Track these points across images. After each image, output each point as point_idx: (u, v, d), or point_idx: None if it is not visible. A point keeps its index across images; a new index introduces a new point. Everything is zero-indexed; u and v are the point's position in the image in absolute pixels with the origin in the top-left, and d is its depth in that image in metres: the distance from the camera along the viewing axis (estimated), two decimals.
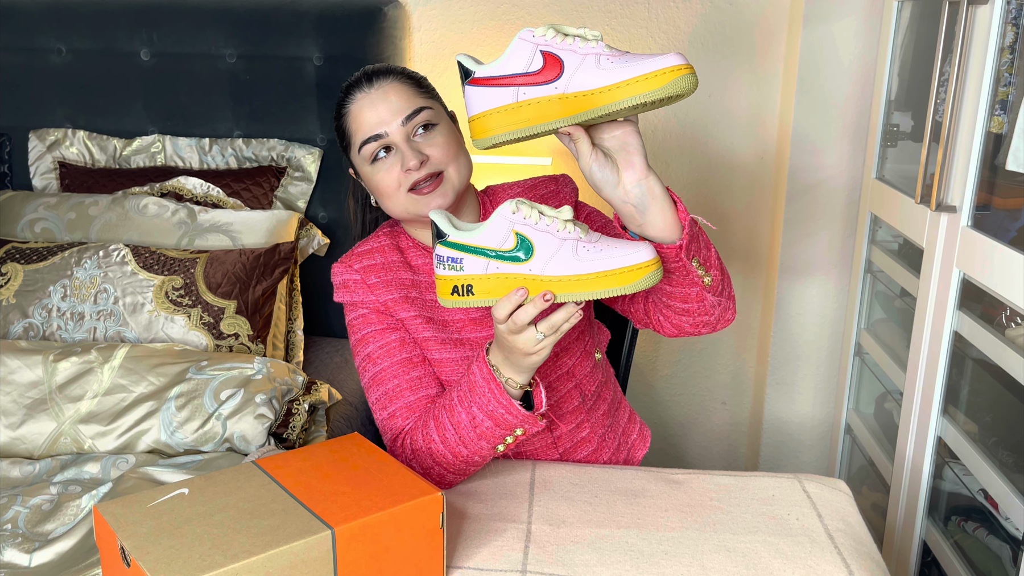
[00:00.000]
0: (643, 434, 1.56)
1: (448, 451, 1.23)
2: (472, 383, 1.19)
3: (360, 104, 1.30)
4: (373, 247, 1.37)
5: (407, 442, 1.28)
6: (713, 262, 1.22)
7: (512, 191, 1.43)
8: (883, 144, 2.09)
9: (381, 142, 1.29)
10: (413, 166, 1.26)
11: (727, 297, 1.29)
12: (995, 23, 1.50)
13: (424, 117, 1.30)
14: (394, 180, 1.28)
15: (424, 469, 1.27)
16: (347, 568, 0.98)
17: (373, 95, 1.29)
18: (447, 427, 1.22)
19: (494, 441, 1.21)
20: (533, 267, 1.08)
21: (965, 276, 1.62)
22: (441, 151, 1.29)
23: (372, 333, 1.33)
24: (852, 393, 2.28)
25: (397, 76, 1.32)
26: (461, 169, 1.32)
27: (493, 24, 2.32)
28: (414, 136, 1.29)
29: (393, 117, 1.28)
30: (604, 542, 1.16)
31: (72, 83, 2.26)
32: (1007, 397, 1.57)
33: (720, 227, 2.40)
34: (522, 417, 1.17)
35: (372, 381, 1.33)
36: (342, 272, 1.36)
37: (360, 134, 1.30)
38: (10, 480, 1.55)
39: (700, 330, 1.31)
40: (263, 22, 2.16)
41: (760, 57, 2.27)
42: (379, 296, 1.34)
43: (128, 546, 0.93)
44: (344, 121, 1.32)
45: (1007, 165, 1.46)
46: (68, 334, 1.85)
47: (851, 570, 1.12)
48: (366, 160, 1.30)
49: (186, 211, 2.04)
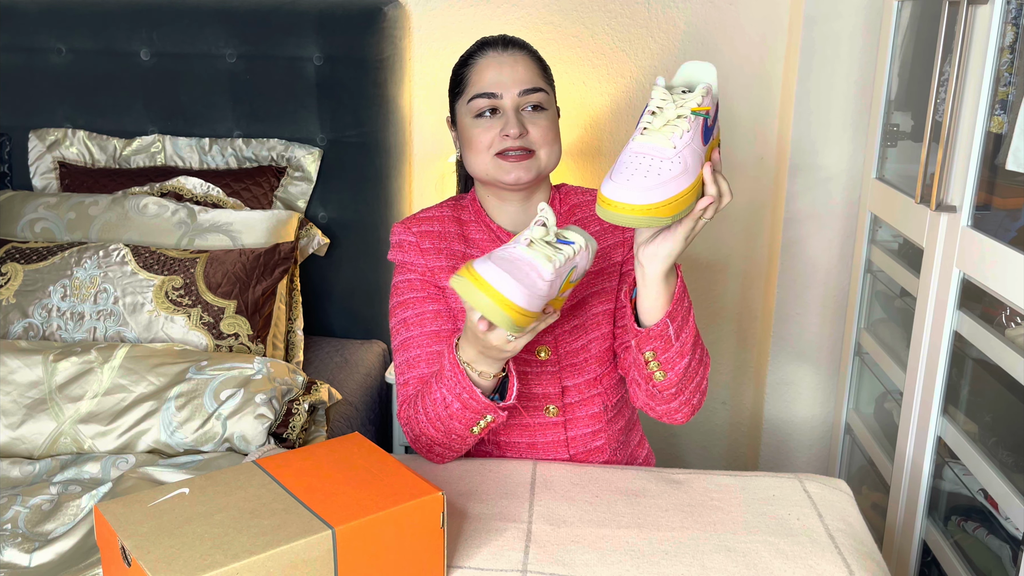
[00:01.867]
0: (648, 461, 1.57)
1: (430, 425, 1.27)
2: (442, 367, 1.23)
3: (488, 61, 1.35)
4: (435, 215, 1.42)
5: (409, 410, 1.32)
6: (676, 370, 1.24)
7: (583, 196, 1.46)
8: (883, 144, 2.09)
9: (493, 102, 1.33)
10: (513, 134, 1.31)
11: (682, 402, 1.30)
12: (995, 23, 1.50)
13: (539, 97, 1.35)
14: (489, 139, 1.33)
15: (415, 436, 1.32)
16: (347, 568, 0.98)
17: (503, 58, 1.35)
18: (428, 403, 1.26)
19: (466, 423, 1.24)
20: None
21: (965, 276, 1.62)
22: (541, 132, 1.34)
23: (413, 299, 1.37)
24: (852, 393, 2.28)
25: (531, 52, 1.38)
26: (552, 156, 1.36)
27: (493, 24, 2.32)
28: (523, 110, 1.34)
29: (514, 85, 1.33)
30: (604, 542, 1.16)
31: (72, 83, 2.26)
32: (1007, 397, 1.57)
33: (720, 227, 2.40)
34: (485, 405, 1.21)
35: (400, 345, 1.37)
36: (400, 232, 1.40)
37: (478, 86, 1.34)
38: (10, 480, 1.55)
39: (645, 410, 1.34)
40: (263, 22, 2.16)
41: (760, 57, 2.27)
42: (428, 261, 1.38)
43: (129, 546, 0.93)
44: (467, 70, 1.36)
45: (1007, 165, 1.46)
46: (68, 334, 1.85)
47: (851, 570, 1.12)
48: (471, 112, 1.34)
49: (186, 211, 2.04)
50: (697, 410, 1.34)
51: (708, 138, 1.12)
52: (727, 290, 2.46)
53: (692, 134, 1.08)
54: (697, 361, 1.27)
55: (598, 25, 2.30)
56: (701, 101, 1.09)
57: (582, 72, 2.32)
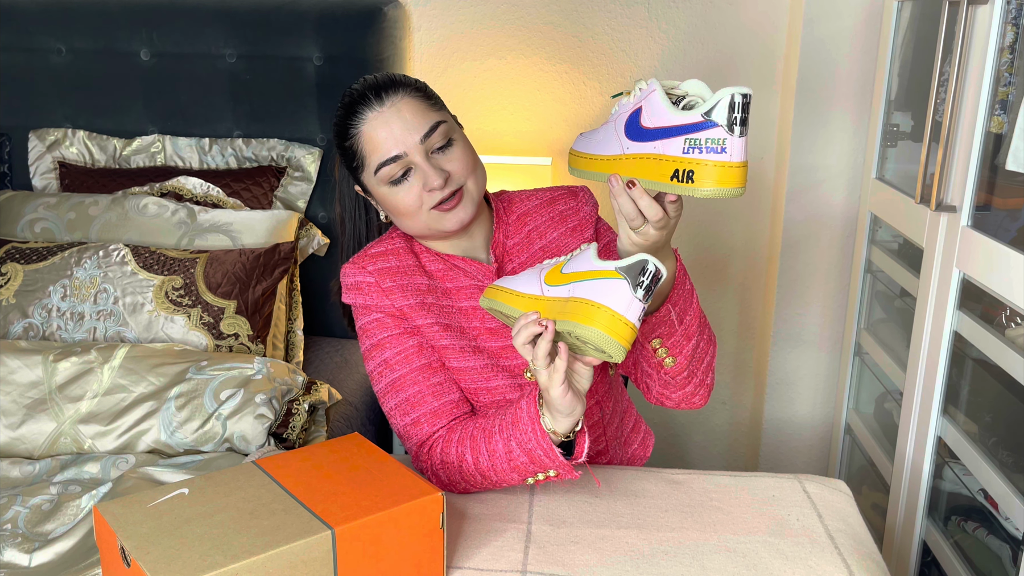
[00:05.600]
0: (645, 443, 1.56)
1: (478, 472, 1.22)
2: (517, 417, 1.16)
3: (372, 124, 1.23)
4: (387, 249, 1.32)
5: (436, 451, 1.26)
6: (685, 352, 1.22)
7: (530, 202, 1.40)
8: (883, 144, 2.09)
9: (401, 163, 1.23)
10: (437, 185, 1.22)
11: (696, 384, 1.28)
12: (995, 23, 1.50)
13: (441, 132, 1.24)
14: (415, 200, 1.24)
15: (449, 480, 1.25)
16: (347, 568, 0.98)
17: (386, 113, 1.23)
18: (482, 451, 1.20)
19: (525, 475, 1.19)
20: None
21: (965, 276, 1.62)
22: (460, 165, 1.25)
23: (388, 338, 1.29)
24: (852, 393, 2.28)
25: (407, 90, 1.25)
26: (479, 180, 1.28)
27: (493, 24, 2.32)
28: (432, 153, 1.24)
29: (410, 136, 1.22)
30: (604, 542, 1.16)
31: (72, 83, 2.26)
32: (1007, 397, 1.57)
33: (720, 227, 2.40)
34: (559, 464, 1.15)
35: (390, 387, 1.29)
36: (355, 273, 1.30)
37: (376, 156, 1.23)
38: (10, 480, 1.55)
39: (662, 401, 1.32)
40: (263, 22, 2.16)
41: (760, 57, 2.27)
42: (395, 301, 1.29)
43: (128, 546, 0.93)
44: (354, 142, 1.25)
45: (1007, 165, 1.46)
46: (68, 334, 1.85)
47: (851, 570, 1.12)
48: (383, 181, 1.25)
49: (186, 211, 2.04)
50: (711, 390, 1.30)
51: (637, 135, 1.07)
52: (727, 290, 2.46)
53: (618, 116, 1.10)
54: (705, 341, 1.25)
55: (598, 25, 2.30)
56: (631, 90, 1.11)
57: (582, 72, 2.32)
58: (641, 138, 1.06)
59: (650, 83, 1.07)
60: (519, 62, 2.34)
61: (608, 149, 1.11)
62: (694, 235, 2.42)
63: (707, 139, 0.99)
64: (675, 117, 1.02)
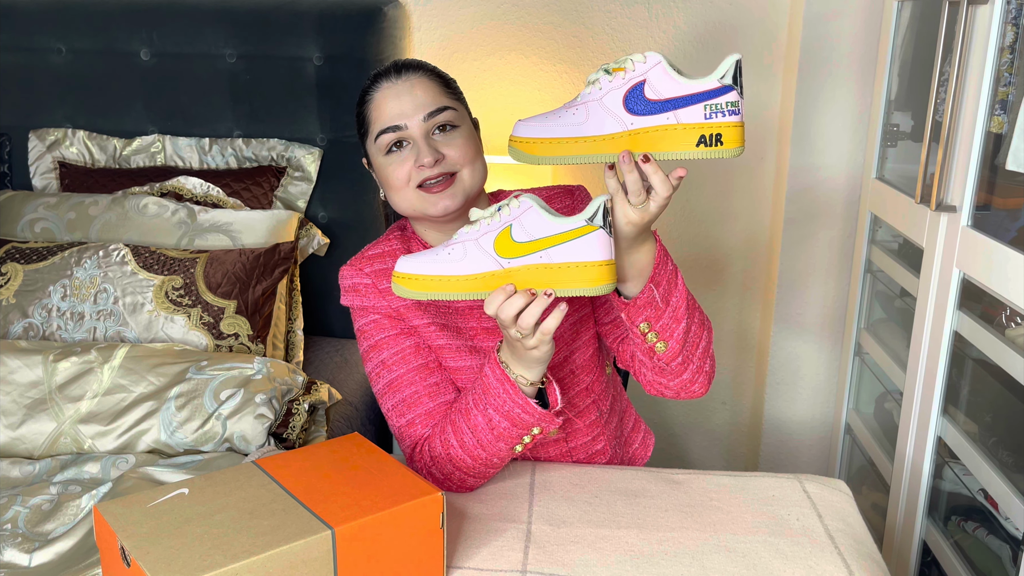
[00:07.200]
0: (645, 443, 1.56)
1: (467, 455, 1.22)
2: (486, 385, 1.18)
3: (384, 93, 1.28)
4: (384, 250, 1.34)
5: (426, 449, 1.27)
6: (676, 336, 1.21)
7: None
8: (883, 144, 2.09)
9: (399, 134, 1.26)
10: (427, 163, 1.24)
11: (694, 371, 1.27)
12: (995, 23, 1.50)
13: (446, 117, 1.28)
14: (405, 174, 1.26)
15: (444, 475, 1.26)
16: (347, 568, 0.98)
17: (399, 86, 1.28)
18: (464, 431, 1.21)
19: (511, 441, 1.20)
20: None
21: (965, 276, 1.62)
22: (459, 152, 1.27)
23: (386, 339, 1.31)
24: (852, 393, 2.28)
25: (426, 72, 1.30)
26: (476, 173, 1.29)
27: (493, 24, 2.32)
28: (433, 134, 1.27)
29: (415, 111, 1.26)
30: (604, 542, 1.16)
31: (72, 83, 2.26)
32: (1007, 397, 1.57)
33: (720, 227, 2.40)
34: (538, 415, 1.17)
35: (387, 388, 1.30)
36: (352, 275, 1.33)
37: (379, 123, 1.28)
38: (10, 480, 1.55)
39: (661, 391, 1.31)
40: (263, 22, 2.16)
41: (760, 57, 2.27)
42: (392, 302, 1.30)
43: (128, 546, 0.93)
44: (366, 108, 1.30)
45: (1007, 165, 1.46)
46: (68, 334, 1.85)
47: (851, 570, 1.12)
48: (381, 150, 1.28)
49: (186, 211, 2.04)
50: (712, 378, 1.30)
51: (644, 109, 1.09)
52: (727, 290, 2.46)
53: (604, 95, 1.10)
54: (697, 324, 1.24)
55: (598, 25, 2.30)
56: (625, 63, 1.09)
57: (582, 72, 2.32)
58: (650, 111, 1.09)
59: (649, 56, 1.09)
60: (519, 62, 2.34)
61: (600, 129, 1.10)
62: (694, 235, 2.42)
63: (727, 103, 1.07)
64: (690, 85, 1.08)
